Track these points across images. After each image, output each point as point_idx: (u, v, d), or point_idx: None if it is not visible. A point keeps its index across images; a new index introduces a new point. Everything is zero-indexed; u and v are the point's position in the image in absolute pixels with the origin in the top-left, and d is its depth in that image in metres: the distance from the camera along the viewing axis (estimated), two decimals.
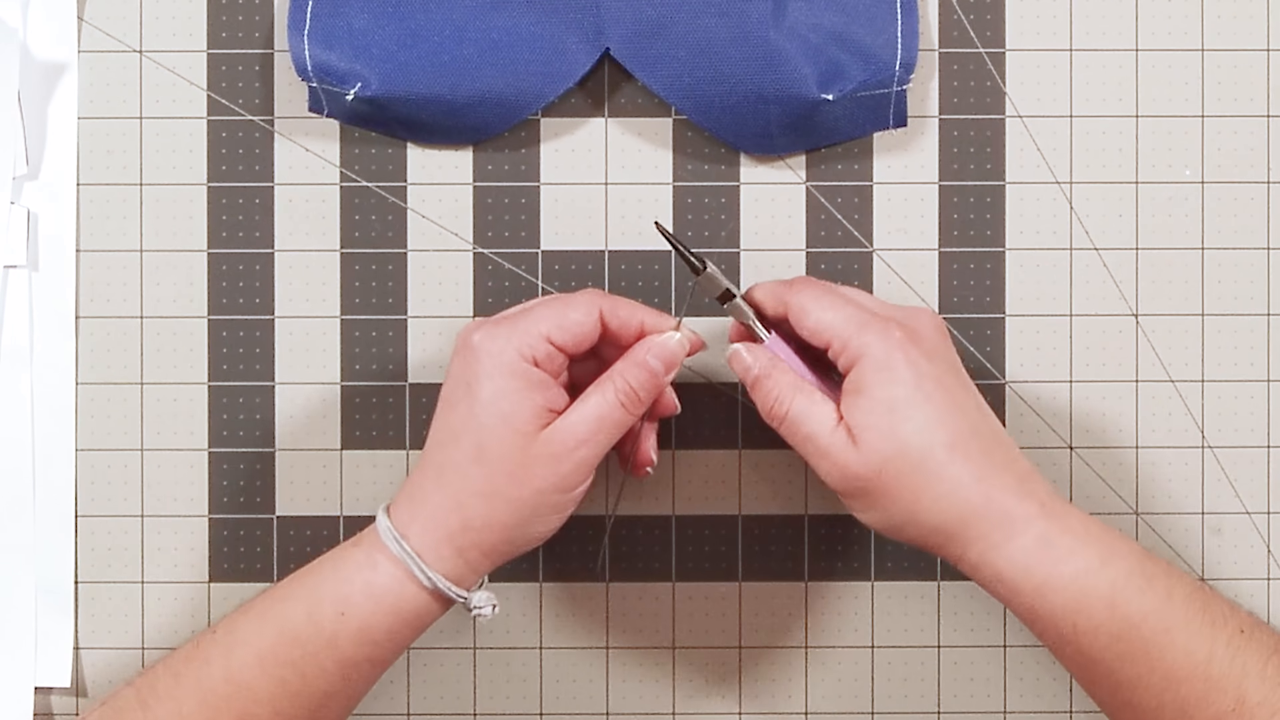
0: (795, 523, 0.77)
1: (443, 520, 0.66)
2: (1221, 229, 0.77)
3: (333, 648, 0.66)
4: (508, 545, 0.67)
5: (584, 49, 0.74)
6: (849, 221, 0.77)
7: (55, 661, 0.76)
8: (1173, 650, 0.64)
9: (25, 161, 0.76)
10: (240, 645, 0.66)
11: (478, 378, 0.66)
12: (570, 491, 0.66)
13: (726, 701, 0.77)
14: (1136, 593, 0.64)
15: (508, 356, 0.66)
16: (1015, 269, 0.77)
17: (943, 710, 0.77)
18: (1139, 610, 0.64)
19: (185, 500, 0.77)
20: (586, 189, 0.77)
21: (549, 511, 0.67)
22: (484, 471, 0.66)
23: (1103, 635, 0.64)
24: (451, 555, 0.66)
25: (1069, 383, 0.77)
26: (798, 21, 0.74)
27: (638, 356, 0.67)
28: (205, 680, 0.66)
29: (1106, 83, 0.77)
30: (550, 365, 0.67)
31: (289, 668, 0.66)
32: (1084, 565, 0.64)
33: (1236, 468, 0.77)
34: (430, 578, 0.66)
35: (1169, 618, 0.64)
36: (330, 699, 0.66)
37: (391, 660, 0.68)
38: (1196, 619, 0.65)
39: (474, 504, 0.66)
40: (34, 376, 0.76)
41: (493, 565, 0.67)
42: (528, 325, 0.66)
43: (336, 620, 0.66)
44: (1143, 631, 0.64)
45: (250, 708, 0.65)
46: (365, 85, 0.73)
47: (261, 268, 0.77)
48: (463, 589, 0.67)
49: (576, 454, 0.65)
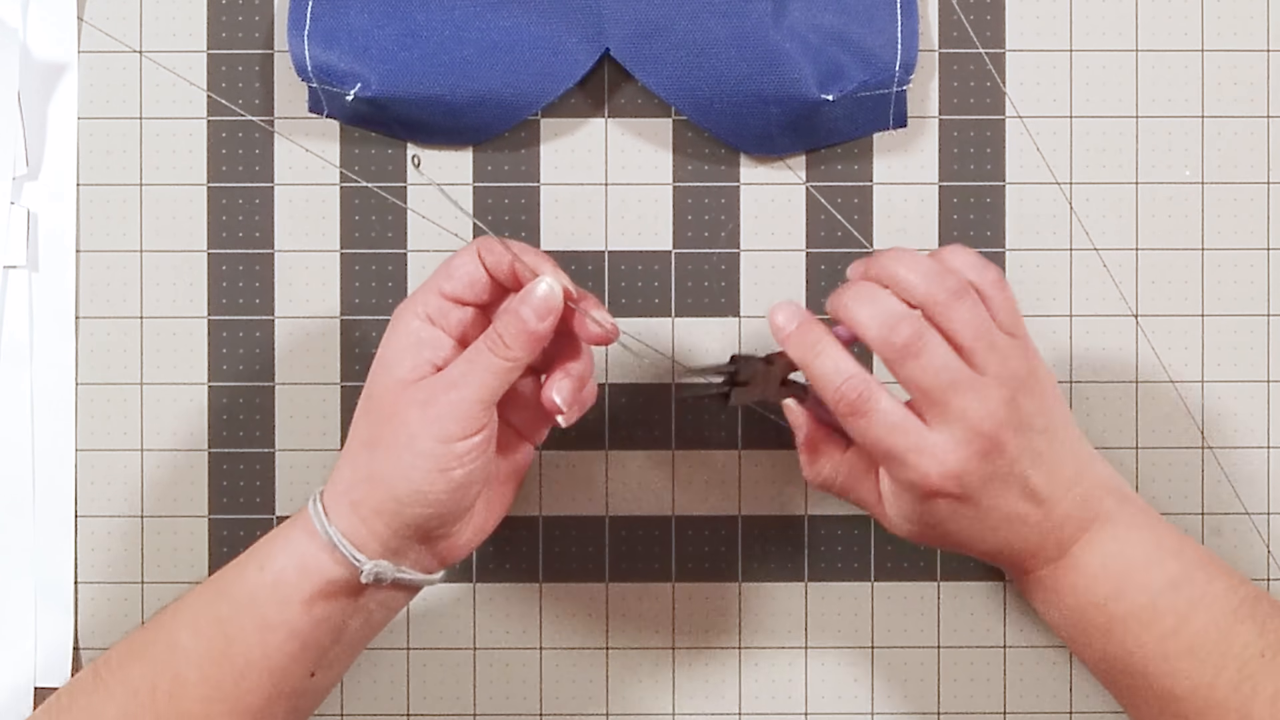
0: (795, 523, 0.77)
1: (339, 476, 0.66)
2: (1221, 229, 0.77)
3: (253, 605, 0.66)
4: (394, 503, 0.65)
5: (584, 49, 0.74)
6: (849, 221, 0.77)
7: (55, 661, 0.76)
8: (1172, 675, 0.66)
9: (25, 161, 0.76)
10: (184, 609, 0.67)
11: (383, 342, 0.67)
12: (448, 443, 0.64)
13: (726, 701, 0.77)
14: (1136, 627, 0.67)
15: (404, 317, 0.67)
16: (1015, 269, 0.77)
17: (943, 710, 0.77)
18: (1135, 641, 0.67)
19: (185, 500, 0.77)
20: (586, 189, 0.77)
21: (429, 465, 0.64)
22: (367, 421, 0.66)
23: (1095, 651, 0.68)
24: (348, 512, 0.66)
25: (1070, 383, 0.77)
26: (798, 22, 0.74)
27: (508, 304, 0.67)
28: (150, 645, 0.67)
29: (1106, 83, 0.77)
30: (445, 320, 0.67)
31: (215, 626, 0.66)
32: (1085, 600, 0.67)
33: (1236, 468, 0.77)
34: (326, 530, 0.65)
35: (1170, 648, 0.66)
36: (250, 669, 0.66)
37: (312, 640, 0.66)
38: (1209, 647, 0.66)
39: (361, 456, 0.66)
40: (34, 376, 0.76)
41: (390, 531, 0.65)
42: (426, 284, 0.67)
43: (257, 575, 0.66)
44: (1138, 658, 0.67)
45: (182, 669, 0.66)
46: (365, 85, 0.73)
47: (261, 268, 0.77)
48: (360, 553, 0.65)
49: (446, 396, 0.64)
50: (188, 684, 0.66)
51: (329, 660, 0.67)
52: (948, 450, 0.64)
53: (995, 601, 0.77)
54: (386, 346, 0.67)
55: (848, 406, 0.65)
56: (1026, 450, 0.66)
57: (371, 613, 0.67)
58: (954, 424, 0.64)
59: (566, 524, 0.77)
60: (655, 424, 0.76)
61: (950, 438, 0.64)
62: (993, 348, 0.65)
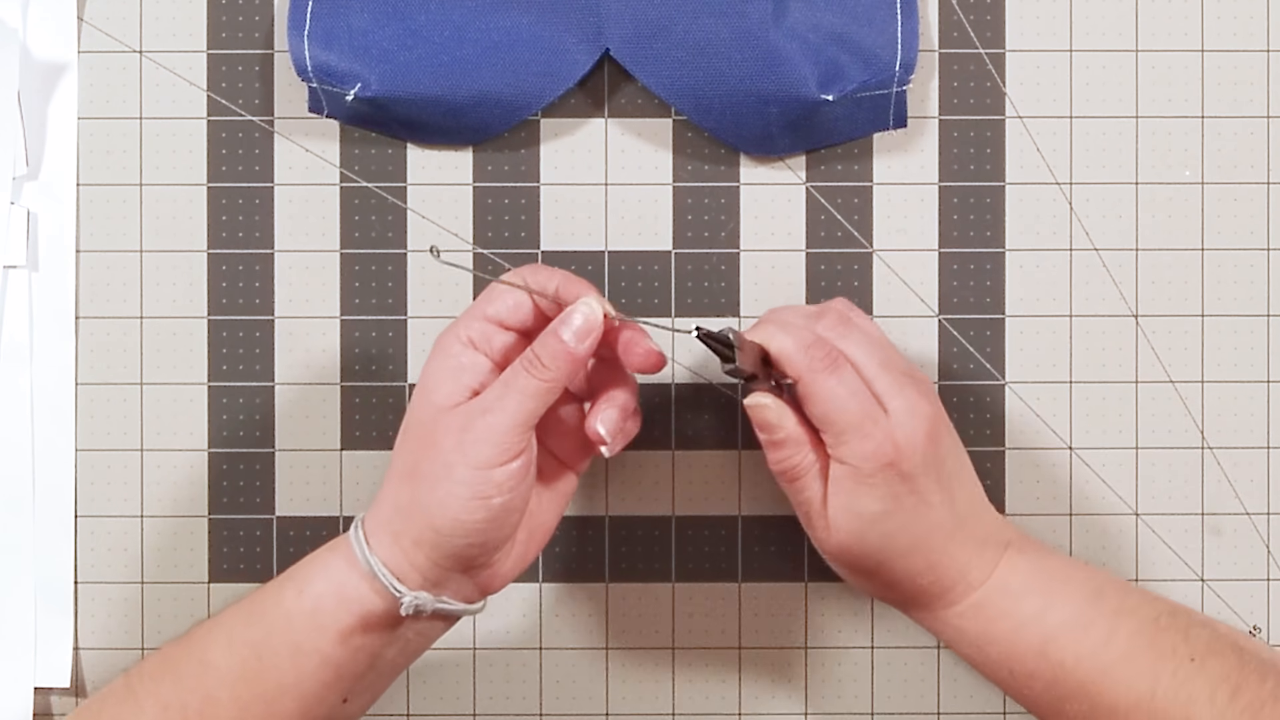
0: (795, 523, 0.77)
1: (381, 506, 0.66)
2: (1221, 229, 0.77)
3: (288, 629, 0.65)
4: (434, 534, 0.64)
5: (584, 49, 0.74)
6: (849, 222, 0.77)
7: (55, 661, 0.76)
8: (1113, 688, 0.66)
9: (25, 161, 0.76)
10: (218, 626, 0.66)
11: (424, 368, 0.66)
12: (485, 469, 0.63)
13: (726, 702, 0.77)
14: (1071, 640, 0.66)
15: (445, 342, 0.66)
16: (1015, 269, 0.77)
17: (942, 710, 0.77)
18: (1073, 655, 0.66)
19: (185, 500, 0.77)
20: (586, 189, 0.77)
21: (467, 493, 0.63)
22: (406, 449, 0.65)
23: (1038, 681, 0.67)
24: (389, 542, 0.65)
25: (1069, 383, 0.77)
26: (798, 22, 0.74)
27: (549, 326, 0.66)
28: (183, 661, 0.66)
29: (1106, 83, 0.77)
30: (488, 345, 0.66)
31: (249, 648, 0.65)
32: (1017, 621, 0.67)
33: (1236, 468, 0.77)
34: (367, 559, 0.64)
35: (1105, 658, 0.66)
36: (282, 693, 0.65)
37: (347, 669, 0.65)
38: (1141, 655, 0.66)
39: (401, 486, 0.65)
40: (34, 376, 0.76)
41: (430, 563, 0.65)
42: (470, 308, 0.67)
43: (295, 599, 0.65)
44: (1078, 675, 0.66)
45: (214, 689, 0.65)
46: (365, 85, 0.73)
47: (261, 268, 0.77)
48: (401, 584, 0.64)
49: (482, 421, 0.63)
50: (219, 704, 0.65)
51: (362, 688, 0.67)
52: (901, 419, 0.65)
53: None
54: (427, 372, 0.66)
55: (822, 361, 0.65)
56: (952, 455, 0.67)
57: (409, 641, 0.67)
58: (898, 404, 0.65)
59: (567, 524, 0.77)
60: (655, 424, 0.76)
61: (903, 409, 0.65)
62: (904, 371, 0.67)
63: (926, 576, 0.67)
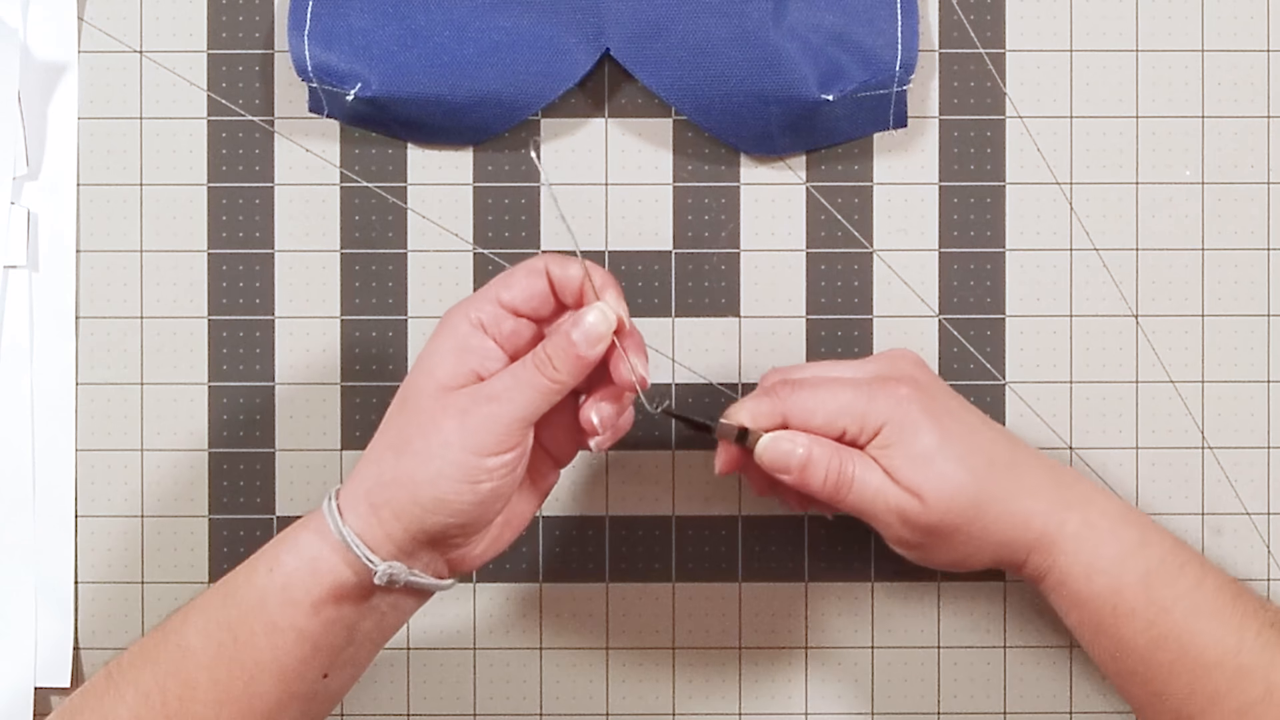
0: (795, 523, 0.77)
1: (363, 474, 0.65)
2: (1221, 229, 0.77)
3: (262, 607, 0.65)
4: (417, 508, 0.64)
5: (584, 49, 0.74)
6: (849, 222, 0.77)
7: (55, 661, 0.76)
8: (1204, 637, 0.66)
9: (25, 161, 0.76)
10: (193, 611, 0.67)
11: (428, 343, 0.66)
12: (480, 455, 0.63)
13: (726, 701, 0.77)
14: (1170, 578, 0.67)
15: (454, 320, 0.65)
16: (1015, 269, 0.77)
17: (943, 710, 0.77)
18: (1172, 595, 0.67)
19: (185, 500, 0.77)
20: (586, 189, 0.77)
21: (458, 475, 0.63)
22: (400, 422, 0.65)
23: (1138, 619, 0.67)
24: (366, 512, 0.64)
25: (1069, 383, 0.77)
26: (798, 22, 0.74)
27: (560, 324, 0.66)
28: (161, 648, 0.66)
29: (1106, 83, 0.77)
30: (497, 329, 0.65)
31: (224, 629, 0.65)
32: (1122, 548, 0.67)
33: (1236, 468, 0.77)
34: (340, 530, 0.64)
35: (1201, 604, 0.67)
36: (260, 672, 0.65)
37: (324, 642, 0.65)
38: (1228, 608, 0.67)
39: (387, 457, 0.65)
40: (34, 376, 0.76)
41: (408, 536, 0.64)
42: (483, 290, 0.66)
43: (266, 577, 0.65)
44: (1175, 616, 0.67)
45: (192, 672, 0.65)
46: (365, 85, 0.73)
47: (261, 268, 0.77)
48: (375, 554, 0.64)
49: (486, 409, 0.63)
50: (198, 687, 0.65)
51: (342, 662, 0.66)
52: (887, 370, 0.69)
53: (995, 601, 0.77)
54: (431, 348, 0.65)
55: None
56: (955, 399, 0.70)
57: (384, 614, 0.66)
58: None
59: (567, 524, 0.77)
60: (655, 424, 0.76)
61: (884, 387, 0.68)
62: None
63: (1021, 500, 0.67)
